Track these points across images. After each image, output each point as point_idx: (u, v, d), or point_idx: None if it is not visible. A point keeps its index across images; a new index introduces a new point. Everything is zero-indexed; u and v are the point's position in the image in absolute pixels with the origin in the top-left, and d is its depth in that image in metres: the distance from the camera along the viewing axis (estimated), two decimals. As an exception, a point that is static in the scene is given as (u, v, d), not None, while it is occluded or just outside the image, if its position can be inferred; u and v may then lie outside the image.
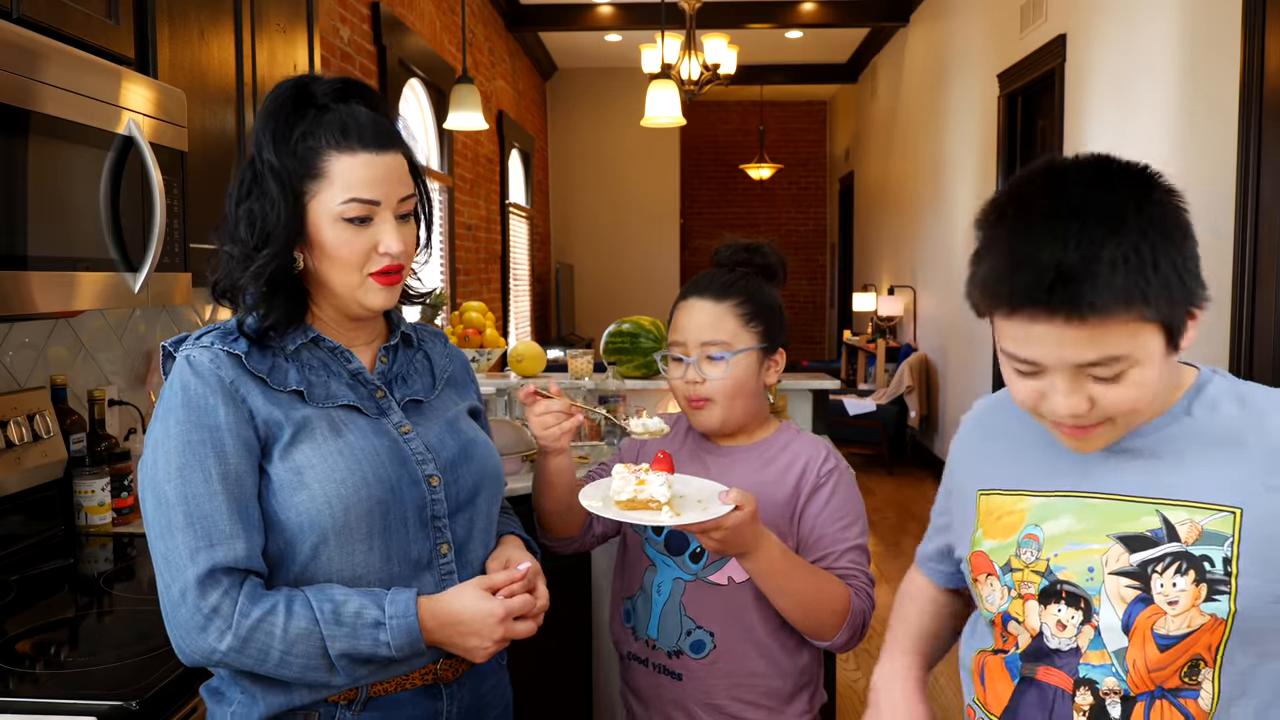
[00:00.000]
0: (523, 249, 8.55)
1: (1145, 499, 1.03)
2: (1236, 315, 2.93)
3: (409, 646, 1.15)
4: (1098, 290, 0.91)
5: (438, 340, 1.42)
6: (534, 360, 3.22)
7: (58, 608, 1.63)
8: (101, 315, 2.20)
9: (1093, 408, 0.98)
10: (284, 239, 1.17)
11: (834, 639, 1.46)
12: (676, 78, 5.75)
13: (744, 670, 1.51)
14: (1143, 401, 0.99)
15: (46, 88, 1.42)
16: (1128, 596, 1.01)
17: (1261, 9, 2.82)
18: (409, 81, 5.32)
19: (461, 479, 1.27)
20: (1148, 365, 0.96)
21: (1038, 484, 1.11)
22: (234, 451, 1.15)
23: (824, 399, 3.28)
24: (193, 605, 1.10)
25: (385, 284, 1.22)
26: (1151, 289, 0.92)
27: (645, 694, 1.57)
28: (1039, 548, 1.08)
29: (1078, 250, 0.91)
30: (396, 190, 1.20)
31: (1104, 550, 1.03)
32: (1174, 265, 0.94)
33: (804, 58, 9.73)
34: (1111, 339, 0.94)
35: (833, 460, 1.55)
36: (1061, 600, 1.05)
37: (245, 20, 2.18)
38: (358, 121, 1.19)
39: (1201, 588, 0.98)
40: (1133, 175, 0.98)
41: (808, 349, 11.88)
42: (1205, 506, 1.00)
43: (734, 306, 1.52)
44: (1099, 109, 4.17)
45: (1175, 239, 0.95)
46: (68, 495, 1.98)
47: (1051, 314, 0.93)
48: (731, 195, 11.80)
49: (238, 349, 1.19)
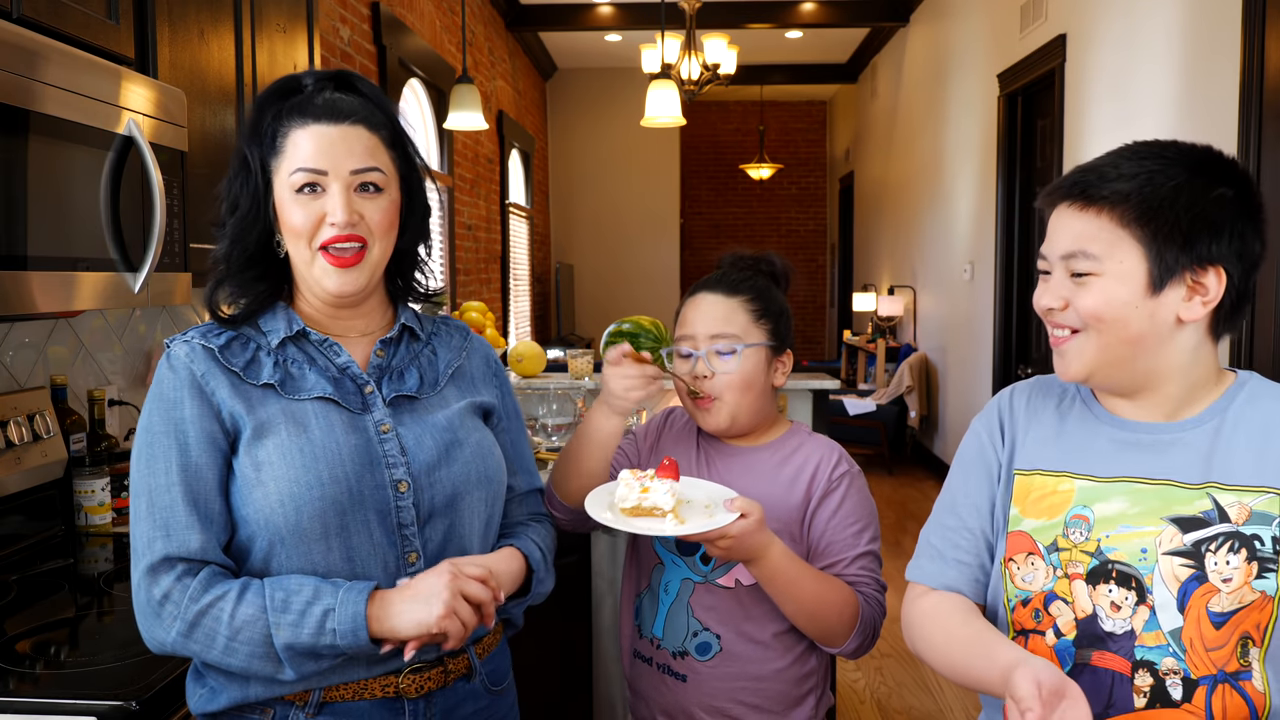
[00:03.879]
0: (523, 249, 8.55)
1: (1196, 484, 1.07)
2: (1236, 315, 2.94)
3: (352, 634, 1.10)
4: (1105, 184, 1.04)
5: (455, 334, 1.38)
6: (534, 360, 3.22)
7: (58, 608, 1.63)
8: (101, 315, 2.20)
9: (1065, 308, 1.08)
10: (253, 206, 1.20)
11: (844, 646, 1.44)
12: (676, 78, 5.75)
13: (749, 674, 1.49)
14: (1108, 315, 1.05)
15: (46, 88, 1.42)
16: (1182, 575, 1.05)
17: (1261, 9, 2.82)
18: (409, 81, 5.32)
19: (437, 484, 1.22)
20: (1118, 282, 1.05)
21: (1083, 467, 1.14)
22: (196, 444, 1.15)
23: (824, 399, 3.28)
24: (146, 592, 1.12)
25: (337, 265, 1.19)
26: (1148, 206, 1.03)
27: (649, 694, 1.56)
28: (1089, 528, 1.10)
29: (1115, 168, 1.06)
30: (347, 161, 1.18)
31: (1158, 532, 1.07)
32: (1189, 208, 1.03)
33: (804, 58, 9.73)
34: (1090, 233, 1.05)
35: (845, 464, 1.52)
36: (1112, 580, 1.08)
37: (245, 20, 2.18)
38: (324, 100, 1.20)
39: (1253, 565, 1.03)
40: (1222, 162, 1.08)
41: (808, 349, 11.88)
42: (1252, 489, 1.05)
43: (745, 302, 1.50)
44: (1099, 109, 4.17)
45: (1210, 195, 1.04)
46: (68, 495, 1.98)
47: (1065, 195, 1.08)
48: (731, 195, 11.80)
49: (214, 342, 1.20)
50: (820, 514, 1.48)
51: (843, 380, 8.78)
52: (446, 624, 1.12)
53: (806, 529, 1.49)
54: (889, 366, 7.85)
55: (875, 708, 3.34)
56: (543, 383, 3.14)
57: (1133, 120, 3.83)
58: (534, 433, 2.81)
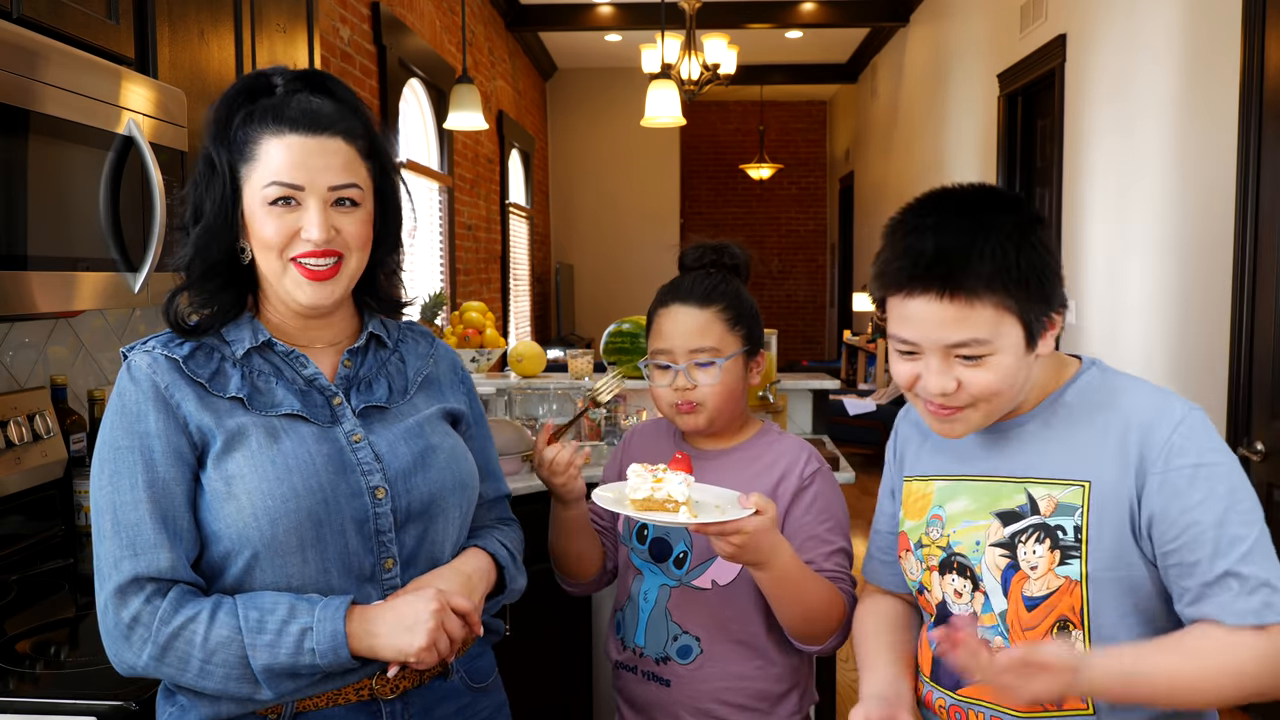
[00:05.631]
0: (523, 249, 8.55)
1: (1015, 478, 1.19)
2: (1236, 315, 2.93)
3: (332, 652, 1.09)
4: (967, 273, 1.09)
5: (421, 340, 1.36)
6: (534, 360, 3.22)
7: (58, 608, 1.63)
8: (101, 315, 2.20)
9: (959, 389, 1.13)
10: (220, 214, 1.15)
11: (825, 645, 1.46)
12: (676, 78, 5.74)
13: (731, 674, 1.50)
14: (1003, 386, 1.13)
15: (46, 88, 1.42)
16: (1001, 565, 1.17)
17: (1261, 9, 2.82)
18: (409, 81, 5.32)
19: (414, 489, 1.21)
20: (1007, 354, 1.12)
21: (944, 469, 1.27)
22: (163, 459, 1.11)
23: (824, 399, 3.28)
24: (114, 615, 1.09)
25: (310, 278, 1.17)
26: (1012, 281, 1.09)
27: (636, 701, 1.57)
28: (942, 526, 1.24)
29: (954, 242, 1.10)
30: (325, 176, 1.15)
31: (987, 526, 1.19)
32: (1035, 269, 1.10)
33: (804, 58, 9.72)
34: (977, 320, 1.10)
35: (815, 462, 1.54)
36: (954, 571, 1.22)
37: (245, 20, 2.18)
38: (299, 107, 1.16)
39: (1056, 553, 1.14)
40: (1007, 198, 1.16)
41: (808, 349, 11.88)
42: (1061, 482, 1.16)
43: (719, 312, 1.51)
44: (1099, 109, 4.17)
45: (1039, 252, 1.12)
46: (68, 495, 1.98)
47: (927, 288, 1.10)
48: (731, 195, 11.80)
49: (177, 353, 1.16)
50: (794, 511, 1.50)
51: (843, 380, 8.78)
52: (425, 655, 1.12)
53: (781, 526, 1.48)
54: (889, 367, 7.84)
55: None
56: (543, 383, 3.14)
57: (1133, 121, 3.83)
58: (534, 433, 2.81)
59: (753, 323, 1.55)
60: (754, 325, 1.56)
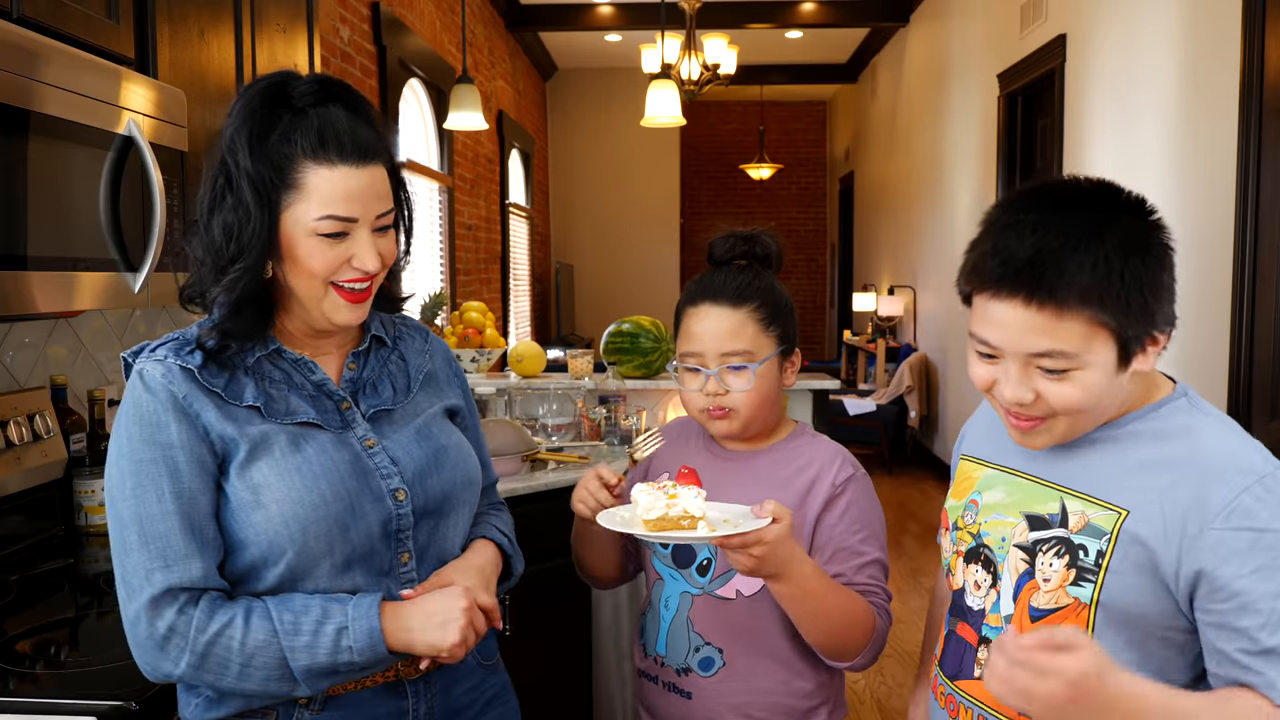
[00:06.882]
0: (523, 249, 8.55)
1: (1054, 485, 1.13)
2: (1236, 315, 2.93)
3: (370, 649, 1.12)
4: (1061, 281, 0.99)
5: (416, 336, 1.37)
6: (534, 360, 3.22)
7: (58, 608, 1.63)
8: (101, 315, 2.20)
9: (1037, 400, 1.06)
10: (259, 250, 1.13)
11: (855, 661, 1.38)
12: (676, 78, 5.75)
13: (755, 688, 1.42)
14: (1086, 405, 1.05)
15: (46, 88, 1.42)
16: (1020, 569, 1.13)
17: (1261, 9, 2.82)
18: (409, 81, 5.32)
19: (430, 489, 1.24)
20: (1095, 371, 1.03)
21: (992, 456, 1.23)
22: (187, 469, 1.12)
23: (824, 399, 3.28)
24: (147, 627, 1.09)
25: (352, 300, 1.18)
26: (1111, 297, 0.99)
27: (657, 712, 1.51)
28: (977, 513, 1.21)
29: (1052, 245, 1.00)
30: (374, 206, 1.16)
31: (1014, 525, 1.15)
32: (1140, 285, 1.01)
33: (804, 58, 9.73)
34: (1065, 333, 1.01)
35: (849, 468, 1.45)
36: (979, 562, 1.18)
37: (245, 20, 2.18)
38: (335, 130, 1.14)
39: (1071, 572, 1.08)
40: (1124, 201, 1.05)
41: (808, 349, 11.88)
42: (1099, 502, 1.08)
43: (753, 312, 1.42)
44: (1099, 109, 4.17)
45: (1149, 265, 1.02)
46: (68, 495, 1.98)
47: (1014, 292, 1.01)
48: (731, 195, 11.80)
49: (191, 362, 1.15)
50: (826, 519, 1.42)
51: (843, 380, 8.78)
52: (458, 651, 1.16)
53: (810, 536, 1.42)
54: (889, 366, 7.85)
55: (875, 708, 3.34)
56: (543, 383, 3.14)
57: (1133, 121, 3.83)
58: (534, 433, 2.81)
59: (788, 320, 1.46)
60: (789, 323, 1.46)
